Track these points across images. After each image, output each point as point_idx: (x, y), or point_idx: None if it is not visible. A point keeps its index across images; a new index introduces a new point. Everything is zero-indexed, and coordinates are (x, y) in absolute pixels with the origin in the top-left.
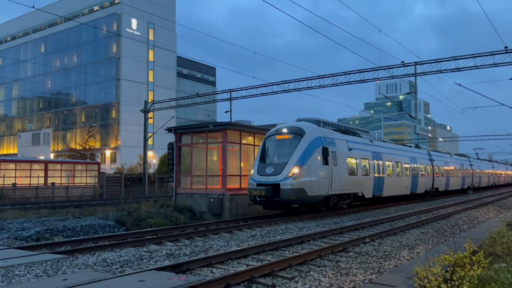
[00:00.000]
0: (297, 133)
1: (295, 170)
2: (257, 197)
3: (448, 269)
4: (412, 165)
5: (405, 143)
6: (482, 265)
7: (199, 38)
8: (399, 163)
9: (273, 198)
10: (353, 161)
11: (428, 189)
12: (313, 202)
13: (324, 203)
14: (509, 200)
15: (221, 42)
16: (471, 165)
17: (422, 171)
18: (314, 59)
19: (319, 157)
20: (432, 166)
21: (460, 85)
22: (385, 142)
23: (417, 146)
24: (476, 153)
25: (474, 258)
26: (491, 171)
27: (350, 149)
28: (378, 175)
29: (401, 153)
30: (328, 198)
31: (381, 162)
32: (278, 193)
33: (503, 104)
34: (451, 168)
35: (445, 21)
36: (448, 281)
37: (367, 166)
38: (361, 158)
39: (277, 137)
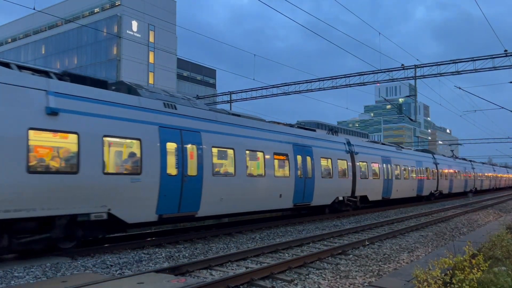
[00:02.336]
0: None
1: None
2: None
3: (448, 272)
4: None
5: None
6: (481, 268)
7: (200, 41)
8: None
9: None
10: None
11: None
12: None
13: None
14: (508, 203)
15: (222, 44)
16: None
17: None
18: (315, 62)
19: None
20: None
21: (460, 88)
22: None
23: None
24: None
25: (473, 261)
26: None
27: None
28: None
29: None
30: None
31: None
32: None
33: (502, 108)
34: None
35: (446, 25)
36: (448, 284)
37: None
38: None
39: None
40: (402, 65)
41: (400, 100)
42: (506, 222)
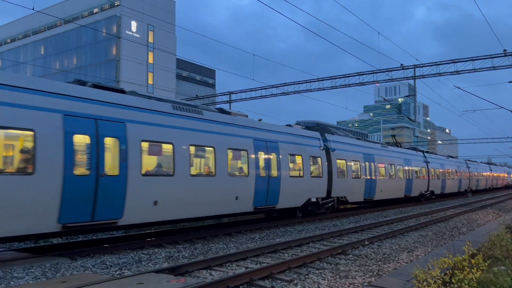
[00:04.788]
0: None
1: None
2: None
3: (447, 272)
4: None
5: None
6: (481, 268)
7: (200, 41)
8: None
9: None
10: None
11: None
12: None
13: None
14: (508, 203)
15: (222, 45)
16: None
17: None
18: (316, 63)
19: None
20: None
21: (459, 88)
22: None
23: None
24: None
25: (473, 261)
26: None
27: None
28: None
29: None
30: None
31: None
32: None
33: (502, 107)
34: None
35: (447, 26)
36: (447, 284)
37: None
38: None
39: None
40: (402, 65)
41: (400, 100)
42: (505, 222)
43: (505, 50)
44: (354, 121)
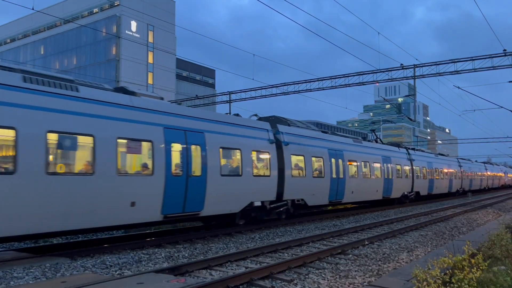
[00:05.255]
0: None
1: None
2: None
3: (447, 271)
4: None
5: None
6: (481, 267)
7: (200, 41)
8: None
9: None
10: (417, 168)
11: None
12: None
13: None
14: (508, 202)
15: (222, 45)
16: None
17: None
18: (316, 63)
19: None
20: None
21: (459, 87)
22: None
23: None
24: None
25: (473, 260)
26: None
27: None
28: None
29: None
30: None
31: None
32: None
33: (501, 107)
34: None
35: (448, 26)
36: (447, 284)
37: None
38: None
39: None
40: (401, 65)
41: (399, 99)
42: (505, 222)
43: (505, 50)
44: (354, 121)
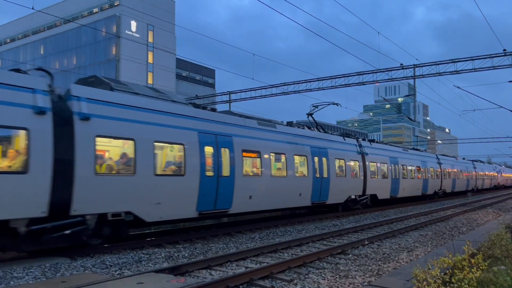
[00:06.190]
0: None
1: None
2: None
3: (447, 271)
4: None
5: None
6: (481, 267)
7: (200, 41)
8: (412, 167)
9: None
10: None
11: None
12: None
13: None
14: (508, 202)
15: (222, 45)
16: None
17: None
18: (316, 63)
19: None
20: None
21: (459, 87)
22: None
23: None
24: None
25: (473, 260)
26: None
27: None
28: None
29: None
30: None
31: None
32: None
33: (501, 107)
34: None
35: (448, 25)
36: (447, 284)
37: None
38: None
39: None
40: (401, 64)
41: (399, 99)
42: (505, 221)
43: (505, 50)
44: (354, 120)
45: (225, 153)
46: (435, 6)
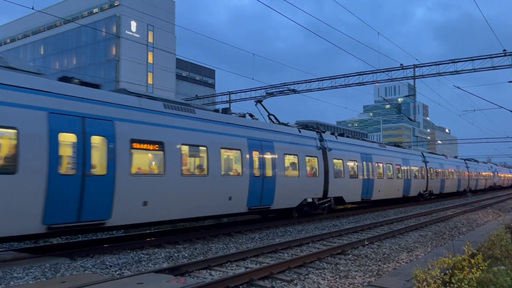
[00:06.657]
0: None
1: None
2: None
3: (447, 272)
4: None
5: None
6: (481, 267)
7: (200, 41)
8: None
9: None
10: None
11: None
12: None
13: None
14: (507, 203)
15: (222, 45)
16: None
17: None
18: (316, 63)
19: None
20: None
21: (459, 88)
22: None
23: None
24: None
25: (473, 261)
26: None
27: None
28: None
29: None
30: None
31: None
32: None
33: (501, 107)
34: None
35: (448, 26)
36: (447, 284)
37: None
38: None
39: None
40: (401, 65)
41: (399, 100)
42: (505, 222)
43: (504, 50)
44: (354, 121)
45: (102, 144)
46: (435, 6)
